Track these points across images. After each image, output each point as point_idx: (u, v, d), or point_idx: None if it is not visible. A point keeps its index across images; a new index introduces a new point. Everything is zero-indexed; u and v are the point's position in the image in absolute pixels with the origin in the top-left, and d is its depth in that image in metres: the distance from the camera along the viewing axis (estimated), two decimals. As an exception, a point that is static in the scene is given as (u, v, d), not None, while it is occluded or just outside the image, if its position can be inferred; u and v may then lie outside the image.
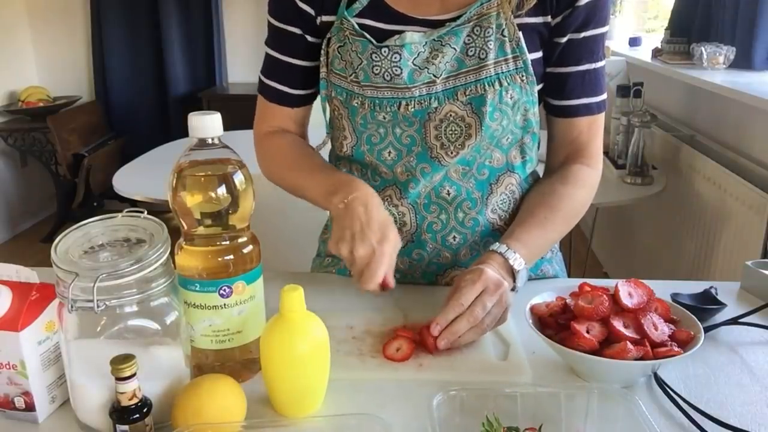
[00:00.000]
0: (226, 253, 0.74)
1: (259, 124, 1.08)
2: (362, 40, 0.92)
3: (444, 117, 0.92)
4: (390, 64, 0.91)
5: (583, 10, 0.91)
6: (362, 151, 0.98)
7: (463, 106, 0.92)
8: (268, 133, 1.07)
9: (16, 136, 3.70)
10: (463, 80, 0.91)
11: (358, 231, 0.83)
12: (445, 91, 0.92)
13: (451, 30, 0.90)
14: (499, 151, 0.97)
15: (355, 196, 0.87)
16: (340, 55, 0.95)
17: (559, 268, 1.10)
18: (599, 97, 0.98)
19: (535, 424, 0.64)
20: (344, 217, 0.85)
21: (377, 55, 0.91)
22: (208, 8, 3.99)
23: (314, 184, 0.96)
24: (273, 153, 1.06)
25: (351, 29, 0.92)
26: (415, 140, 0.95)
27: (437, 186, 0.97)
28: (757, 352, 0.84)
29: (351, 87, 0.94)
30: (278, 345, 0.69)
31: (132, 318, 0.67)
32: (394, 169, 0.97)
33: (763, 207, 1.78)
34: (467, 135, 0.93)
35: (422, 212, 0.99)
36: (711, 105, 2.31)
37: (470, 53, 0.91)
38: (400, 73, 0.91)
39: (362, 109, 0.94)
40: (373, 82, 0.92)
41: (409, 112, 0.92)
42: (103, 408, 0.65)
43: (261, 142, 1.08)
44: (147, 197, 2.07)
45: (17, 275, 0.71)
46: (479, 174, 0.97)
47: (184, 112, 1.40)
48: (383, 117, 0.94)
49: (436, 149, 0.94)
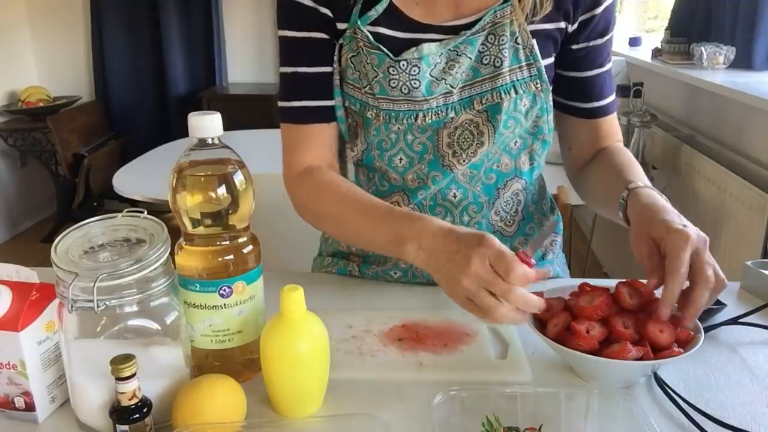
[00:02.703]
0: (226, 253, 0.74)
1: (291, 160, 0.96)
2: (378, 53, 0.90)
3: (460, 125, 0.92)
4: (408, 77, 0.89)
5: (602, 16, 0.93)
6: (372, 156, 0.97)
7: (478, 115, 0.92)
8: (304, 170, 0.95)
9: (16, 136, 3.70)
10: (479, 89, 0.91)
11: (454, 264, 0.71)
12: (461, 101, 0.91)
13: (466, 39, 0.90)
14: (508, 156, 0.97)
15: (425, 237, 0.76)
16: (353, 65, 0.92)
17: (561, 269, 1.11)
18: (614, 95, 1.02)
19: (535, 424, 0.64)
20: (432, 263, 0.75)
21: (395, 68, 0.89)
22: (208, 8, 3.99)
23: (377, 236, 0.85)
24: (317, 197, 0.93)
25: (366, 41, 0.90)
26: (427, 148, 0.94)
27: (444, 189, 0.96)
28: (757, 352, 0.84)
29: (365, 98, 0.93)
30: (278, 345, 0.69)
31: (132, 318, 0.67)
32: (405, 176, 0.96)
33: (763, 207, 1.78)
34: (479, 143, 0.92)
35: (427, 213, 0.98)
36: (711, 105, 2.31)
37: (485, 61, 0.90)
38: (419, 86, 0.90)
39: (376, 120, 0.93)
40: (390, 95, 0.91)
41: (425, 123, 0.92)
42: (103, 408, 0.65)
43: (298, 183, 0.95)
44: (147, 197, 2.07)
45: (17, 275, 0.71)
46: (486, 178, 0.97)
47: (184, 112, 1.40)
48: (397, 128, 0.93)
49: (449, 157, 0.94)
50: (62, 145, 3.60)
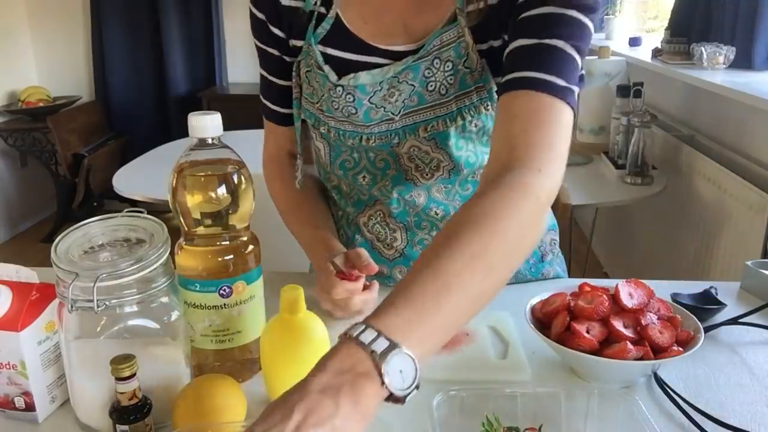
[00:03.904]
0: (226, 253, 0.74)
1: (264, 144, 1.09)
2: (322, 74, 0.90)
3: (407, 150, 0.91)
4: (345, 102, 0.89)
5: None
6: (338, 176, 0.98)
7: (426, 142, 0.89)
8: (271, 155, 1.07)
9: (16, 136, 3.70)
10: (423, 116, 0.88)
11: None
12: (405, 128, 0.89)
13: (408, 66, 0.86)
14: (477, 165, 0.94)
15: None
16: (308, 80, 0.93)
17: (560, 269, 1.10)
18: (549, 76, 0.72)
19: (535, 424, 0.64)
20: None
21: (334, 92, 0.90)
22: (208, 8, 3.99)
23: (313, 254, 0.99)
24: (274, 186, 1.06)
25: (315, 59, 0.91)
26: (388, 163, 0.93)
27: (424, 208, 0.95)
28: (757, 352, 0.84)
29: (318, 114, 0.94)
30: (278, 345, 0.69)
31: (132, 318, 0.67)
32: (371, 192, 0.97)
33: (763, 207, 1.78)
34: (437, 163, 0.91)
35: (413, 229, 0.98)
36: (711, 105, 2.31)
37: (430, 88, 0.86)
38: (356, 112, 0.89)
39: (331, 135, 0.94)
40: (335, 115, 0.91)
41: (371, 145, 0.91)
42: (103, 408, 0.65)
43: (266, 165, 1.08)
44: (147, 197, 2.07)
45: (17, 275, 0.71)
46: (463, 190, 0.95)
47: (184, 112, 1.40)
48: (351, 143, 0.93)
49: (411, 171, 0.93)
50: (62, 145, 3.60)
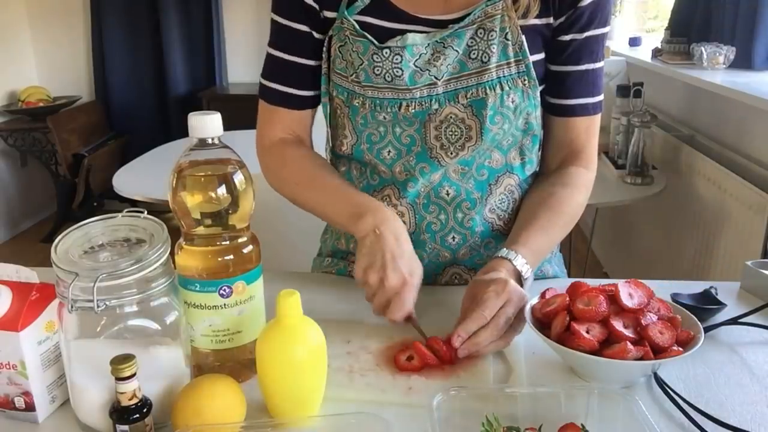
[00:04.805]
0: (226, 253, 0.74)
1: (263, 132, 1.03)
2: (363, 40, 0.91)
3: (444, 119, 0.92)
4: (391, 65, 0.91)
5: (585, 10, 0.91)
6: (362, 150, 0.98)
7: (464, 109, 0.92)
8: (275, 142, 1.02)
9: (16, 136, 3.70)
10: (465, 83, 0.91)
11: (389, 260, 0.84)
12: (446, 93, 0.92)
13: (454, 32, 0.90)
14: (499, 152, 0.97)
15: (387, 226, 0.86)
16: (341, 55, 0.94)
17: (559, 269, 1.11)
18: (597, 98, 0.98)
19: (535, 424, 0.64)
20: (375, 245, 0.85)
21: (378, 56, 0.91)
22: (208, 8, 3.99)
23: (337, 205, 0.94)
24: (284, 165, 1.01)
25: (351, 29, 0.92)
26: (414, 140, 0.95)
27: (436, 186, 0.97)
28: (757, 352, 0.84)
29: (352, 87, 0.94)
30: (275, 350, 0.68)
31: (132, 318, 0.67)
32: (392, 168, 0.97)
33: (763, 207, 1.78)
34: (467, 137, 0.93)
35: (421, 212, 0.98)
36: (711, 105, 2.31)
37: (473, 56, 0.91)
38: (401, 74, 0.91)
39: (363, 108, 0.94)
40: (374, 82, 0.92)
41: (409, 113, 0.92)
42: (103, 408, 0.65)
43: (268, 152, 1.03)
44: (147, 197, 2.07)
45: (17, 275, 0.71)
46: (478, 174, 0.97)
47: (184, 112, 1.41)
48: (384, 117, 0.94)
49: (436, 149, 0.94)
50: (62, 145, 3.60)
